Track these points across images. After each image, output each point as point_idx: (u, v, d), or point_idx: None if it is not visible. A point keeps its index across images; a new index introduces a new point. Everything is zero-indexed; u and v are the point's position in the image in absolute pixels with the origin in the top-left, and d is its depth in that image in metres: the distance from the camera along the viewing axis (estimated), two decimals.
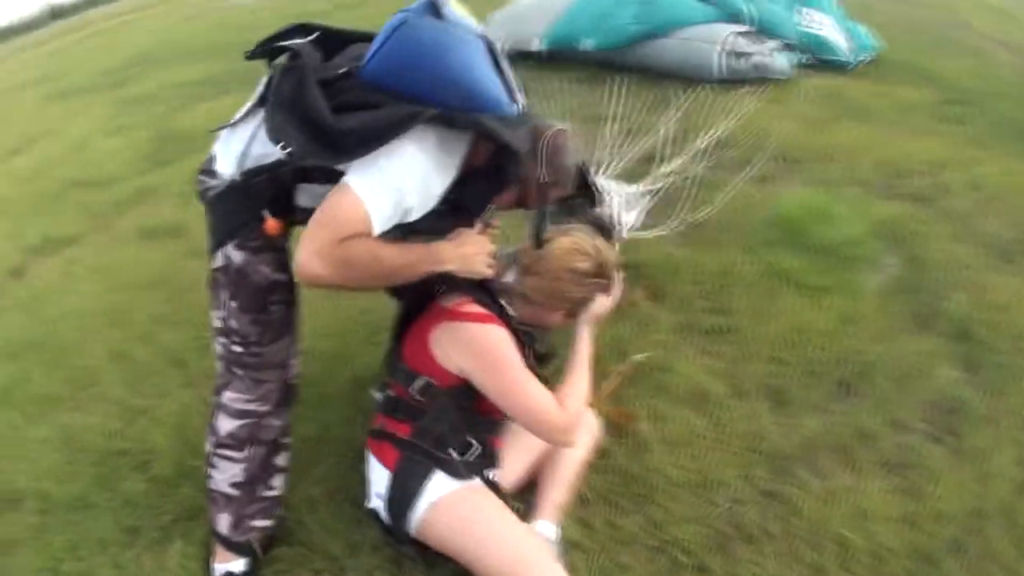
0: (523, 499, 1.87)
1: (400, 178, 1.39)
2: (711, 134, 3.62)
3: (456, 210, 1.58)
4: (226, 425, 1.79)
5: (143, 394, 2.83)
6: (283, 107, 1.39)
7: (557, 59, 5.32)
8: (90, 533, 2.34)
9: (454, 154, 1.48)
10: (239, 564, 1.90)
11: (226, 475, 1.82)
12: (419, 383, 1.66)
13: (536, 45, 5.18)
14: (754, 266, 2.83)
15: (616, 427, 2.10)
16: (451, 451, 1.62)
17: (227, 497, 1.84)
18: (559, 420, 1.56)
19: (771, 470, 1.98)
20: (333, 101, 1.37)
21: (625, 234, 2.52)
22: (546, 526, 1.74)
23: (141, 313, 3.33)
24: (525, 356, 1.61)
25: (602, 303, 1.80)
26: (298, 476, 2.10)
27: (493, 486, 1.66)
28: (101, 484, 2.43)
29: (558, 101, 4.10)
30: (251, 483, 1.84)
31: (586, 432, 1.89)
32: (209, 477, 1.86)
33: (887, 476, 1.98)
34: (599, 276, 1.77)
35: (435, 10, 1.42)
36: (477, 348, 1.57)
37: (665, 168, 3.32)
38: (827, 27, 5.42)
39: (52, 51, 13.89)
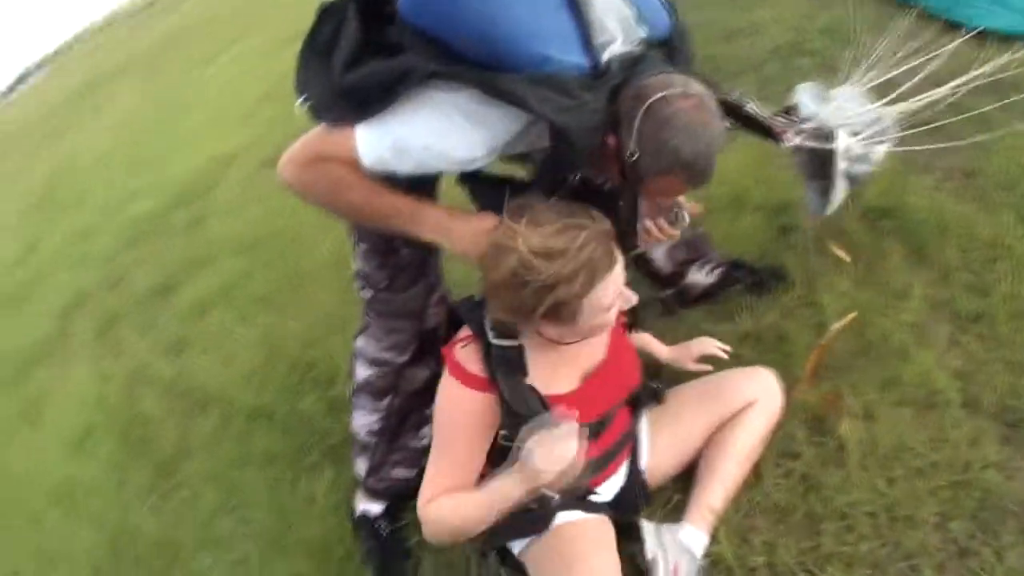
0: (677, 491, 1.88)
1: (410, 129, 1.47)
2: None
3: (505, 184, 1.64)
4: (362, 372, 2.02)
5: (349, 302, 2.84)
6: (316, 55, 1.56)
7: None
8: (259, 446, 2.65)
9: (504, 117, 1.46)
10: (376, 507, 2.13)
11: (363, 421, 2.06)
12: None
13: None
14: None
15: (819, 416, 1.95)
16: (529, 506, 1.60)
17: (363, 443, 2.08)
18: (420, 509, 1.58)
19: (975, 522, 1.70)
20: (374, 42, 1.48)
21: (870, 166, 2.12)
22: (693, 534, 1.71)
23: None
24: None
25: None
26: None
27: (594, 507, 1.71)
28: (283, 396, 2.82)
29: None
30: (391, 433, 2.06)
31: (760, 414, 1.79)
32: (350, 420, 2.10)
33: None
34: (561, 256, 1.41)
35: None
36: (437, 395, 1.61)
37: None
38: None
39: None
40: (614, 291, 1.45)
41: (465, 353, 1.54)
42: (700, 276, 2.31)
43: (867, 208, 2.51)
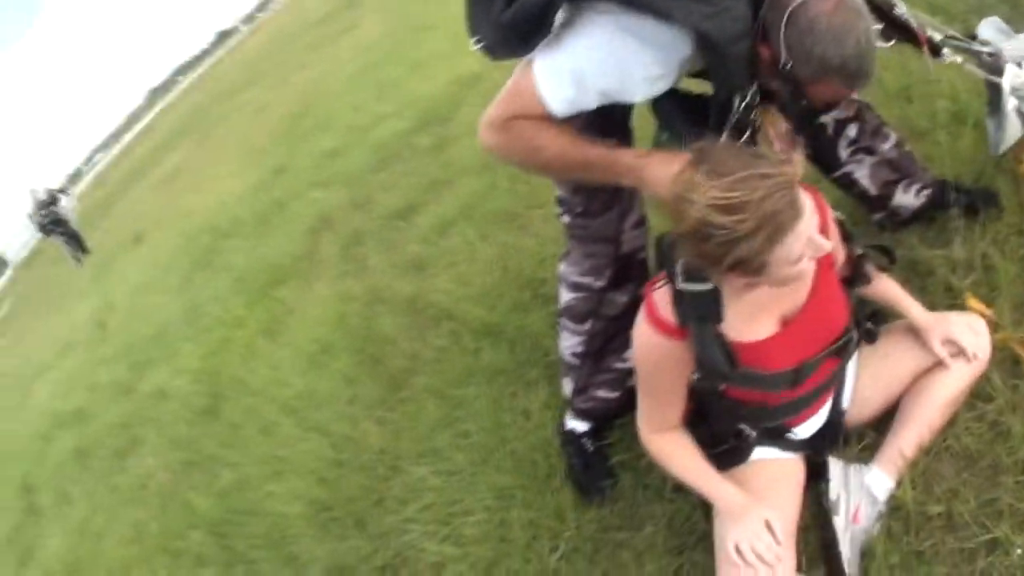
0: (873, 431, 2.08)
1: (582, 58, 1.76)
2: None
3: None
4: (564, 296, 2.35)
5: None
6: None
7: None
8: (484, 362, 3.14)
9: (669, 32, 1.69)
10: (582, 425, 2.49)
11: (568, 343, 2.39)
12: None
13: None
14: None
15: (1018, 360, 2.03)
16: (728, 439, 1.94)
17: (569, 365, 2.43)
18: (642, 437, 1.95)
19: None
20: None
21: None
22: (879, 476, 1.92)
23: None
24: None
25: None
26: None
27: (791, 444, 1.96)
28: (513, 313, 3.31)
29: None
30: (595, 355, 2.37)
31: (967, 365, 1.93)
32: (557, 342, 2.47)
33: None
34: (743, 210, 1.48)
35: None
36: (632, 340, 1.86)
37: None
38: None
39: None
40: (802, 243, 1.53)
41: (660, 295, 1.74)
42: (908, 198, 2.42)
43: None
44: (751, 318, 1.74)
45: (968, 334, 1.91)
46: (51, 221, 17.13)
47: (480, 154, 4.80)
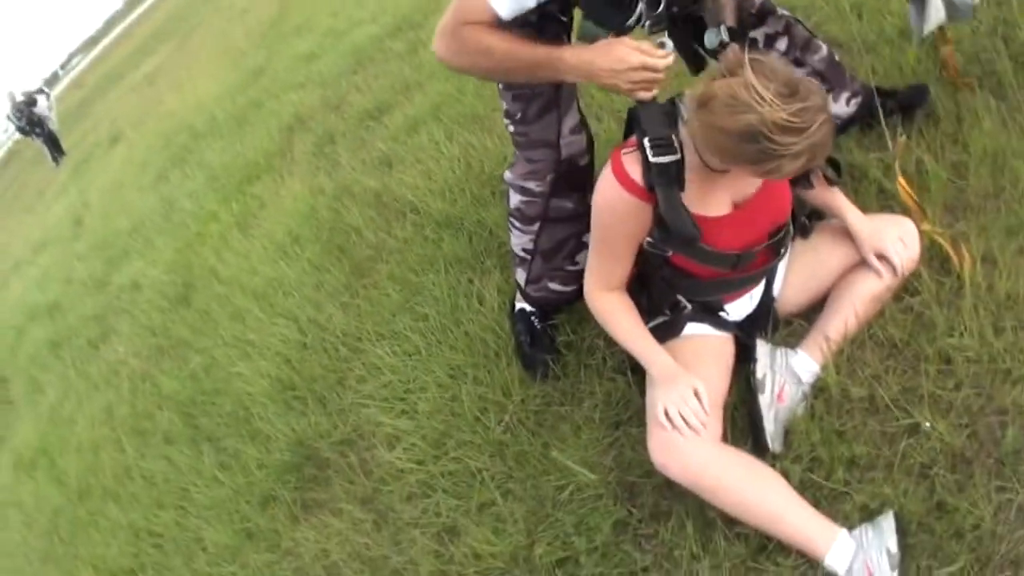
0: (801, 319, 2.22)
1: None
2: None
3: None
4: (513, 199, 2.45)
5: None
6: None
7: None
8: (444, 251, 3.23)
9: None
10: (528, 307, 2.61)
11: (518, 241, 2.49)
12: None
13: None
14: None
15: (944, 256, 2.15)
16: (664, 311, 2.09)
17: (520, 258, 2.53)
18: (587, 294, 2.06)
19: None
20: None
21: None
22: (804, 360, 2.05)
23: None
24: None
25: None
26: None
27: (722, 323, 2.10)
28: (472, 206, 3.40)
29: None
30: (545, 254, 2.47)
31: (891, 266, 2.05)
32: (508, 238, 2.57)
33: None
34: (798, 133, 1.62)
35: None
36: (595, 194, 1.97)
37: None
38: None
39: None
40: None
41: (629, 159, 1.85)
42: (839, 107, 2.46)
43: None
44: (708, 195, 1.87)
45: (899, 246, 2.00)
46: (29, 122, 16.93)
47: None
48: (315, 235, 4.13)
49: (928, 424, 1.84)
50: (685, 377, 1.84)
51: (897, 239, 2.00)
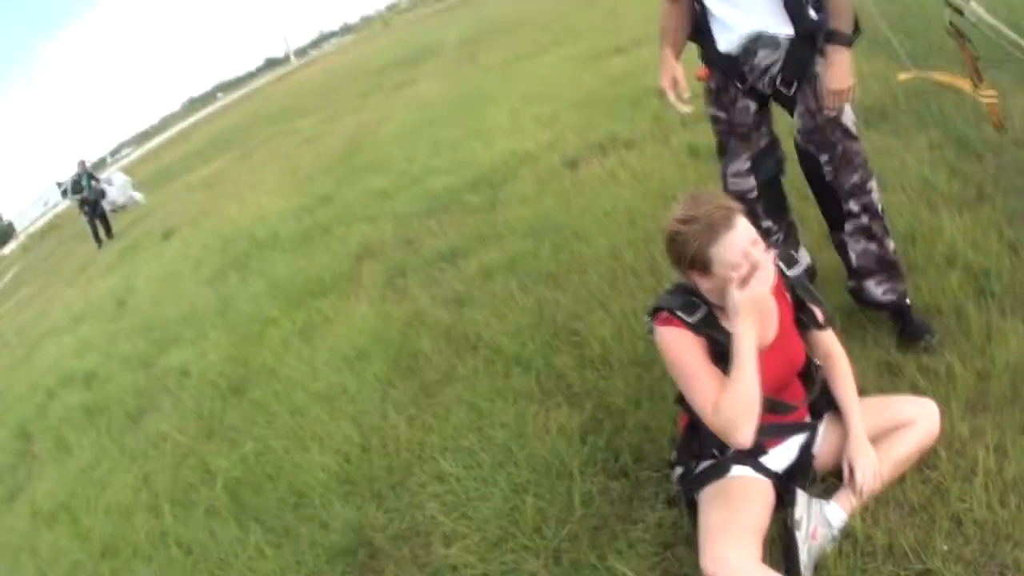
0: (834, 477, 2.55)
1: None
2: None
3: None
4: None
5: (617, 290, 4.12)
6: None
7: None
8: (513, 385, 3.63)
9: None
10: None
11: None
12: (676, 392, 2.53)
13: None
14: None
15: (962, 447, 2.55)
16: (713, 453, 2.48)
17: None
18: (711, 423, 2.28)
19: None
20: None
21: None
22: (835, 509, 2.38)
23: (651, 223, 4.70)
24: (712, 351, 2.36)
25: (752, 285, 2.22)
26: None
27: (763, 469, 2.46)
28: (542, 352, 3.85)
29: None
30: None
31: (917, 434, 2.47)
32: None
33: None
34: (694, 220, 2.24)
35: None
36: (660, 351, 2.43)
37: None
38: None
39: None
40: (736, 252, 2.20)
41: (668, 326, 2.38)
42: (876, 291, 3.05)
43: None
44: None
45: (869, 473, 2.39)
46: (83, 200, 17.73)
47: (528, 221, 5.39)
48: (383, 353, 4.51)
49: (946, 547, 2.23)
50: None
51: (871, 466, 2.39)
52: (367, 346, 4.70)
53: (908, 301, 3.06)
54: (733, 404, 2.25)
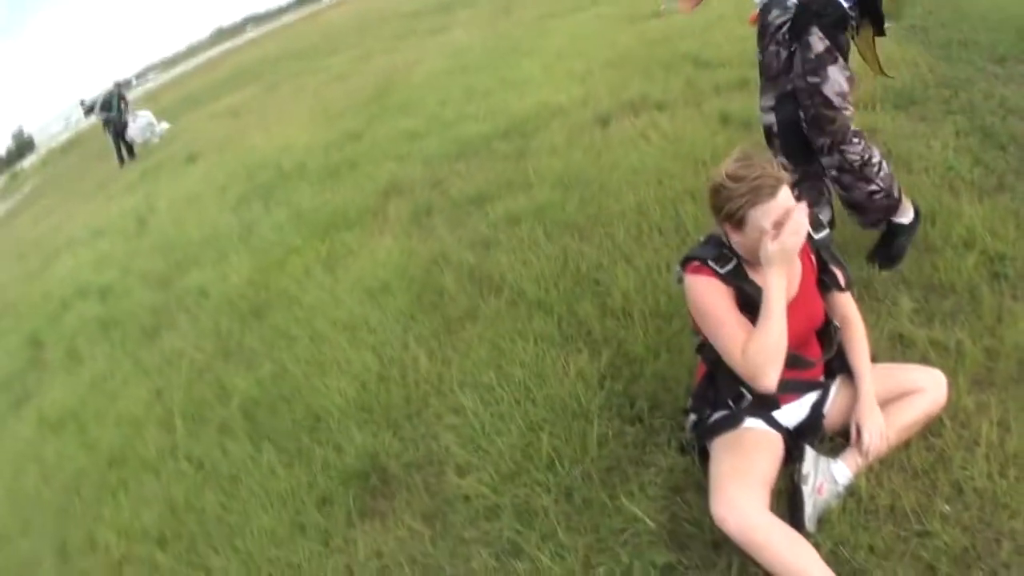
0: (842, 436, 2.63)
1: None
2: None
3: None
4: None
5: (642, 244, 4.17)
6: None
7: None
8: (535, 328, 3.68)
9: None
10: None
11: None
12: (696, 342, 2.67)
13: None
14: None
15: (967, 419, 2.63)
16: (728, 404, 2.57)
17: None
18: (739, 367, 2.36)
19: None
20: None
21: None
22: (841, 468, 2.48)
23: (680, 183, 4.77)
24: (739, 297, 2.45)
25: (785, 238, 2.28)
26: None
27: (775, 424, 2.55)
28: (565, 298, 3.91)
29: None
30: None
31: (924, 400, 2.53)
32: None
33: None
34: (742, 180, 2.31)
35: None
36: (689, 299, 2.50)
37: None
38: None
39: None
40: (771, 218, 2.27)
41: (699, 274, 2.46)
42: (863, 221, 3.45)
43: None
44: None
45: (876, 435, 2.46)
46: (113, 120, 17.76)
47: (557, 172, 5.41)
48: (406, 288, 4.57)
49: (947, 507, 2.31)
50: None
51: (878, 429, 2.47)
52: (390, 280, 4.75)
53: (904, 221, 3.40)
54: (763, 349, 2.31)
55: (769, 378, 2.32)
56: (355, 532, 3.02)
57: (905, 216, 3.40)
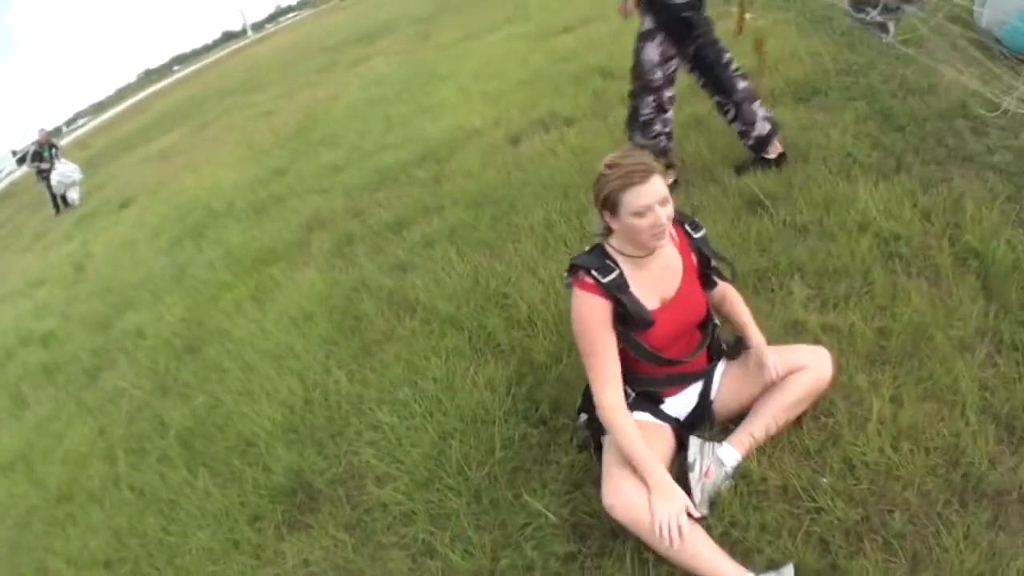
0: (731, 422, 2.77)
1: None
2: None
3: None
4: None
5: (548, 257, 4.37)
6: None
7: None
8: (447, 344, 3.85)
9: None
10: None
11: None
12: None
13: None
14: None
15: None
16: None
17: None
18: (596, 402, 2.51)
19: (953, 493, 2.38)
20: None
21: None
22: (728, 450, 2.59)
23: (584, 195, 4.88)
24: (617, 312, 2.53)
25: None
26: None
27: (663, 415, 2.71)
28: (475, 314, 4.07)
29: None
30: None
31: (810, 377, 2.64)
32: None
33: None
34: (617, 167, 2.47)
35: None
36: (572, 313, 2.57)
37: None
38: None
39: None
40: (644, 203, 2.39)
41: (587, 283, 2.53)
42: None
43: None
44: (643, 293, 2.55)
45: (777, 361, 2.62)
46: (40, 170, 17.45)
47: (471, 193, 5.57)
48: (328, 316, 4.71)
49: (825, 480, 2.43)
50: (680, 495, 2.30)
51: (778, 358, 2.62)
52: (314, 309, 4.88)
53: (772, 155, 4.35)
54: (611, 424, 2.46)
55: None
56: (284, 545, 3.15)
57: None
